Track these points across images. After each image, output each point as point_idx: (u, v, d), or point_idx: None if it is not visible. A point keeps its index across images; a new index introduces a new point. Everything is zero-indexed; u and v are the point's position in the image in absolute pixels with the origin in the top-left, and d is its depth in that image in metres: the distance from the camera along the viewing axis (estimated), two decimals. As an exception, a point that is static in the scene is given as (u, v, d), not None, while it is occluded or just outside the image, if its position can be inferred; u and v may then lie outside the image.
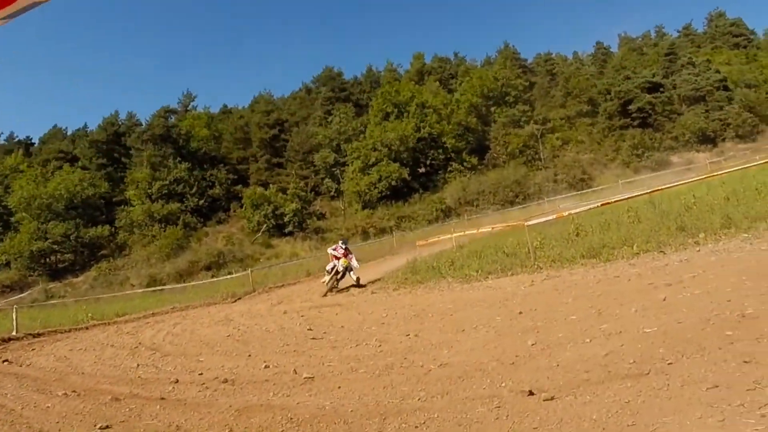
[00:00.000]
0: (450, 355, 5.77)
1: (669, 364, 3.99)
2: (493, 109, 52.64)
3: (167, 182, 44.70)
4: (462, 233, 19.72)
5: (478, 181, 44.43)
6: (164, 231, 40.56)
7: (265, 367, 6.58)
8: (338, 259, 15.53)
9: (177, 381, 6.37)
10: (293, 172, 48.73)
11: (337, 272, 15.27)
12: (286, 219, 41.04)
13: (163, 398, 5.68)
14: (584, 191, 39.53)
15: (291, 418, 4.51)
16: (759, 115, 44.50)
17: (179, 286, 28.27)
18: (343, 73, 63.86)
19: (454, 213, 41.86)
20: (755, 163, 16.73)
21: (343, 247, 16.06)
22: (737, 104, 45.20)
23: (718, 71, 48.01)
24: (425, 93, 53.43)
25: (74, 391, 6.32)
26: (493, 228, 18.16)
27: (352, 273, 15.51)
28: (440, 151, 48.05)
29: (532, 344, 5.38)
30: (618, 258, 9.67)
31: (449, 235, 19.65)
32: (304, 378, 5.74)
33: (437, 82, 60.23)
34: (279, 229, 41.31)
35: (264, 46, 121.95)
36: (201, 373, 6.72)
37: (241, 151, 53.16)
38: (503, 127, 49.86)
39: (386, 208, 42.92)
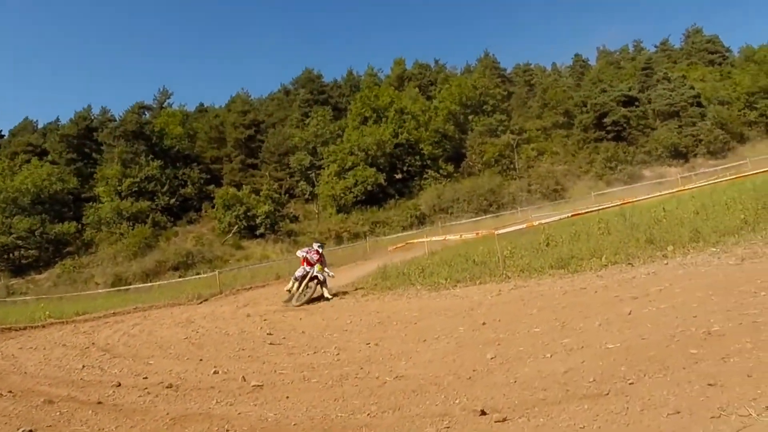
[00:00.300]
0: (407, 366, 5.59)
1: (630, 384, 3.77)
2: (470, 117, 52.91)
3: (138, 180, 43.76)
4: (444, 237, 19.54)
5: (453, 189, 44.51)
6: (132, 229, 39.65)
7: (214, 372, 6.31)
8: (311, 264, 13.41)
9: (119, 384, 6.06)
10: (267, 173, 48.21)
11: (314, 278, 13.21)
12: (258, 221, 40.53)
13: (100, 402, 5.36)
14: (557, 201, 39.91)
15: (228, 430, 4.24)
16: (730, 132, 45.50)
17: (145, 285, 27.84)
18: (323, 75, 63.83)
19: (428, 220, 41.84)
20: (725, 179, 16.85)
21: (319, 251, 13.86)
22: (710, 121, 46.13)
23: (692, 87, 49.02)
24: (404, 99, 53.52)
25: (10, 392, 6.01)
26: (461, 236, 18.02)
27: (325, 289, 13.38)
28: (417, 157, 48.11)
29: (492, 358, 5.18)
30: (586, 269, 9.58)
31: (424, 239, 19.55)
32: (253, 386, 5.49)
33: (417, 89, 60.35)
34: (250, 231, 40.78)
35: (243, 46, 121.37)
36: (146, 377, 6.42)
37: (215, 150, 52.44)
38: (480, 136, 50.14)
39: (361, 213, 42.72)
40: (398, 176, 48.65)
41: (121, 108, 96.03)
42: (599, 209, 15.39)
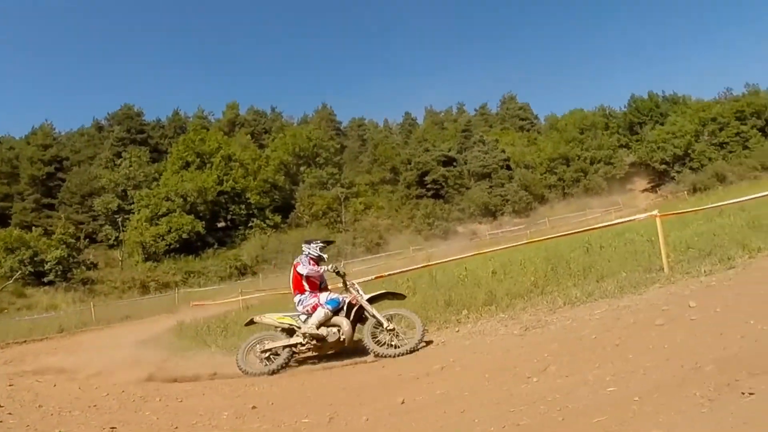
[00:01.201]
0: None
1: None
2: (302, 168, 55.47)
3: None
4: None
5: (279, 240, 45.95)
6: None
7: None
8: (316, 287, 8.25)
9: None
10: (64, 216, 45.91)
11: (350, 308, 8.12)
12: (47, 266, 38.37)
13: None
14: (379, 255, 43.08)
15: None
16: (533, 194, 53.45)
17: None
18: (144, 113, 63.01)
19: (250, 271, 42.61)
20: (530, 240, 17.34)
21: (320, 256, 8.17)
22: (516, 183, 53.80)
23: (503, 151, 56.95)
24: (234, 145, 54.80)
25: None
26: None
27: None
28: (243, 206, 49.29)
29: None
30: None
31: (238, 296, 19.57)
32: None
33: (249, 136, 62.01)
34: (37, 278, 38.41)
35: (53, 73, 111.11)
36: None
37: (5, 186, 48.87)
38: (310, 188, 52.76)
39: (173, 262, 42.31)
40: (220, 225, 49.19)
41: None
42: (407, 270, 14.76)
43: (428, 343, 8.12)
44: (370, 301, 8.10)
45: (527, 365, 5.46)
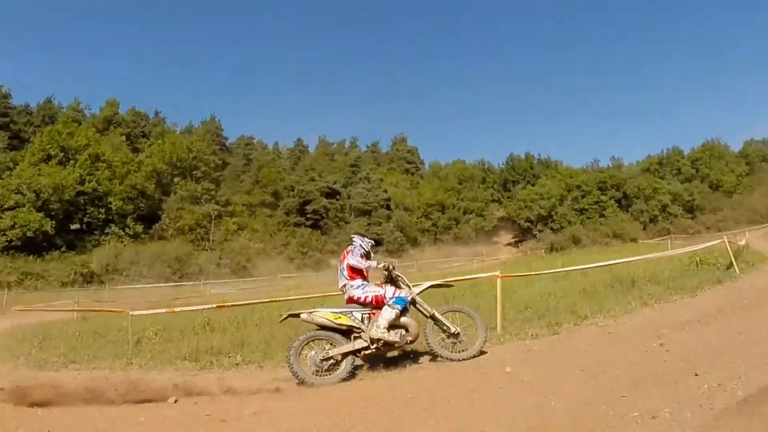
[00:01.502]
0: None
1: None
2: (177, 179, 53.74)
3: None
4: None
5: (135, 251, 44.06)
6: None
7: None
8: (361, 274, 7.66)
9: None
10: None
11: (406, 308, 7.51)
12: None
13: None
14: (245, 279, 42.40)
15: None
16: (407, 236, 55.37)
17: None
18: (11, 95, 59.03)
19: (97, 279, 40.42)
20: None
21: (366, 251, 7.72)
22: (393, 223, 55.56)
23: (386, 191, 58.83)
24: (105, 144, 52.29)
25: None
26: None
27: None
28: (102, 210, 47.05)
29: None
30: (216, 367, 8.91)
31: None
32: None
33: (124, 137, 59.37)
34: None
35: None
36: None
37: None
38: (180, 201, 51.22)
39: (10, 260, 39.06)
40: (74, 227, 46.49)
41: None
42: (257, 303, 14.10)
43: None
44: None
45: (334, 422, 5.26)
